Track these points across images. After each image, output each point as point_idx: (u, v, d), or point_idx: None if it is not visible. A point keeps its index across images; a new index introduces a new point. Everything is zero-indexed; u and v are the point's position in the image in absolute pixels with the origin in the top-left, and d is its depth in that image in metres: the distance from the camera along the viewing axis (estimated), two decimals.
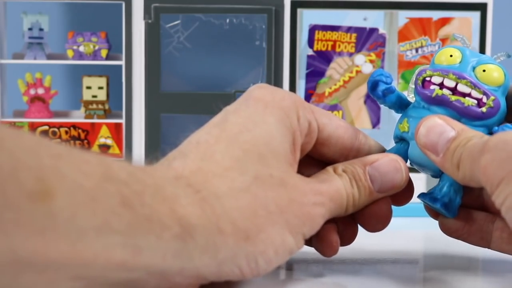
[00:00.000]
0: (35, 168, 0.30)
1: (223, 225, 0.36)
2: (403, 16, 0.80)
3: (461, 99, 0.43)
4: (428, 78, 0.44)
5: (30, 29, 0.84)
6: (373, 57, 0.80)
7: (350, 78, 0.81)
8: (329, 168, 0.43)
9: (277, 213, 0.39)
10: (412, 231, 0.46)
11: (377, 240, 0.45)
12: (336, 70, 0.81)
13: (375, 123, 0.81)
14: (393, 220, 0.46)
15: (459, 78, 0.43)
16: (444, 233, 0.45)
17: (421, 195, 0.45)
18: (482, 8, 0.80)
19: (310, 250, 0.46)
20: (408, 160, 0.45)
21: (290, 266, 0.47)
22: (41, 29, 0.84)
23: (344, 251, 0.47)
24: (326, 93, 0.81)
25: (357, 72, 0.81)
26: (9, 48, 0.86)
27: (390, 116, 0.81)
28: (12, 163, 0.30)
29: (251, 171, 0.39)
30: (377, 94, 0.46)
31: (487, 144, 0.38)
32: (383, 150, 0.46)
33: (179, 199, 0.35)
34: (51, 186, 0.31)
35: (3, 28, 0.85)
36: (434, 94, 0.43)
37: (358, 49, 0.81)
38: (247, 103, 0.42)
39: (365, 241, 0.47)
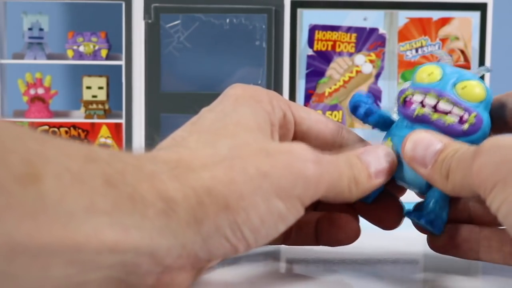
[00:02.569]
0: (22, 152, 0.31)
1: (201, 196, 0.36)
2: (403, 16, 0.80)
3: (442, 117, 0.43)
4: (409, 97, 0.44)
5: (30, 29, 0.84)
6: (373, 57, 0.80)
7: (350, 78, 0.81)
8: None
9: (259, 177, 0.37)
10: (412, 231, 0.46)
11: (377, 240, 0.45)
12: (336, 70, 0.81)
13: None
14: None
15: (440, 96, 0.43)
16: (432, 249, 0.45)
17: (407, 213, 0.45)
18: (482, 8, 0.80)
19: (310, 250, 0.46)
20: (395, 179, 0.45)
21: (290, 266, 0.47)
22: (41, 29, 0.84)
23: (344, 251, 0.47)
24: (326, 93, 0.81)
25: (357, 72, 0.81)
26: (9, 48, 0.86)
27: None
28: None
29: (225, 146, 0.38)
30: (359, 116, 0.46)
31: (480, 149, 0.38)
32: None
33: (158, 175, 0.36)
34: (38, 168, 0.31)
35: (3, 28, 0.85)
36: (415, 114, 0.43)
37: (358, 49, 0.81)
38: (221, 100, 0.43)
39: (365, 241, 0.47)
